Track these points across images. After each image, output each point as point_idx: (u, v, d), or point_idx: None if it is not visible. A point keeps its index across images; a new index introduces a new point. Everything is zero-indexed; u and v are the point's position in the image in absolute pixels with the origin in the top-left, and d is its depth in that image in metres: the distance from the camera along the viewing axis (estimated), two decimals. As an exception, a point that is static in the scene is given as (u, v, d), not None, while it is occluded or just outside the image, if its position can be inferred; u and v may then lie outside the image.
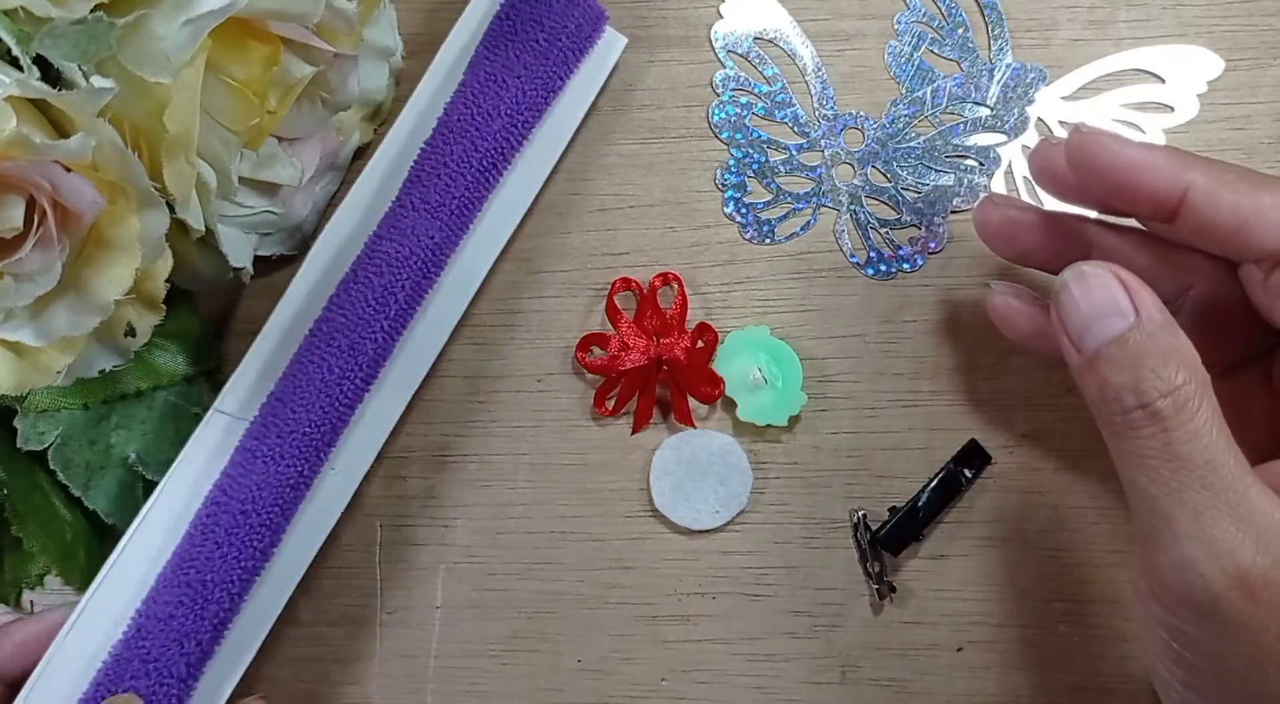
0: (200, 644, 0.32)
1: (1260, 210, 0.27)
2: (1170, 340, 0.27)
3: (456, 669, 0.37)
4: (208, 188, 0.32)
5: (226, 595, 0.32)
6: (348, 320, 0.34)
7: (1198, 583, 0.25)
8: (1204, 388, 0.26)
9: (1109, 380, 0.27)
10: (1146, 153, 0.28)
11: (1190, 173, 0.28)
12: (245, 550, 0.32)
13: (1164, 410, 0.26)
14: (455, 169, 0.35)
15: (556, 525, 0.37)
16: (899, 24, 0.38)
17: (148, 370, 0.36)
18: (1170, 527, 0.26)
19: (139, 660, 0.31)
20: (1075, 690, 0.35)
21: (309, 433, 0.33)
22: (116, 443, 0.36)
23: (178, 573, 0.32)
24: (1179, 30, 0.37)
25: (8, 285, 0.29)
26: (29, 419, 0.35)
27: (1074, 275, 0.28)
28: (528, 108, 0.35)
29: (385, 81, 0.38)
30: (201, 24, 0.28)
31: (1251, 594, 0.25)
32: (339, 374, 0.33)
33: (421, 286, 0.34)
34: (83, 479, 0.36)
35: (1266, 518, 0.25)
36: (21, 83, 0.26)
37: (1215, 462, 0.26)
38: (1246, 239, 0.27)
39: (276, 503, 0.33)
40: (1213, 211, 0.27)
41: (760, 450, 0.37)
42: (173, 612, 0.32)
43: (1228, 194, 0.27)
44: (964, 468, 0.36)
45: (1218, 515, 0.25)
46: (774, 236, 0.38)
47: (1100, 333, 0.27)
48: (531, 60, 0.35)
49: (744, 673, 0.36)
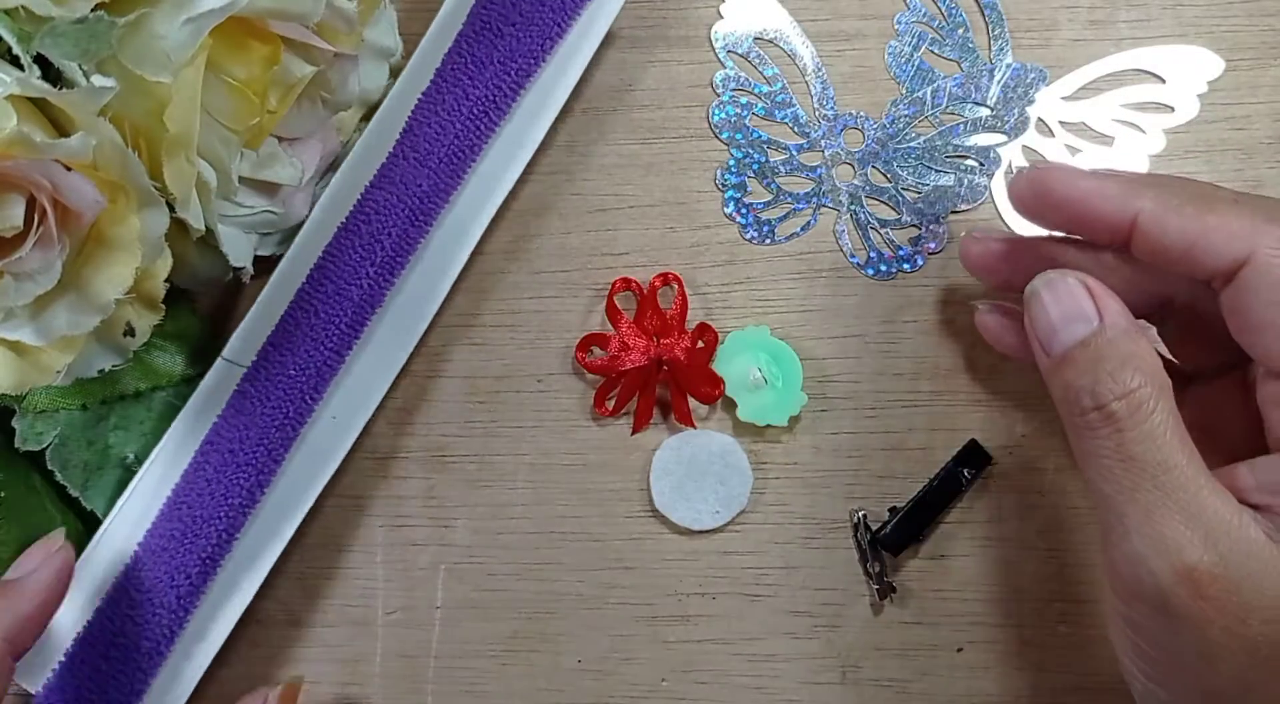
0: (190, 578, 0.34)
1: (1205, 233, 0.28)
2: (1130, 346, 0.28)
3: (456, 669, 0.37)
4: (208, 187, 0.32)
5: (215, 531, 0.34)
6: (335, 268, 0.35)
7: (1147, 578, 0.27)
8: (1161, 392, 0.27)
9: (1070, 382, 0.29)
10: (1097, 182, 0.29)
11: (1139, 199, 0.29)
12: (232, 488, 0.34)
13: (1118, 412, 0.27)
14: (445, 117, 0.35)
15: (556, 525, 0.37)
16: (899, 24, 0.38)
17: (147, 371, 0.36)
18: (1123, 523, 0.27)
19: (135, 591, 0.34)
20: (1075, 690, 0.35)
21: (294, 375, 0.34)
22: (115, 443, 0.36)
23: (172, 509, 0.34)
24: (1179, 30, 0.37)
25: (8, 284, 0.29)
26: (27, 419, 0.35)
27: (1044, 283, 0.30)
28: (523, 56, 0.35)
29: (385, 81, 0.38)
30: (202, 23, 0.28)
31: (1198, 590, 0.26)
32: (324, 319, 0.34)
33: (410, 235, 0.35)
34: (80, 479, 0.36)
35: (1216, 517, 0.26)
36: (22, 81, 0.26)
37: (1167, 462, 0.27)
38: (1195, 261, 0.28)
39: (262, 443, 0.34)
40: (1161, 236, 0.28)
41: (760, 450, 0.37)
42: (165, 545, 0.34)
43: (1174, 219, 0.28)
44: (964, 468, 0.36)
45: (1167, 514, 0.26)
46: (774, 237, 0.38)
47: (1066, 337, 0.29)
48: (528, 8, 0.35)
49: (744, 673, 0.36)
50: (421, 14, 0.39)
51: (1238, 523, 0.26)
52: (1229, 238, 0.27)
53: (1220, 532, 0.26)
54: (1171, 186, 0.29)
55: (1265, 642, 0.26)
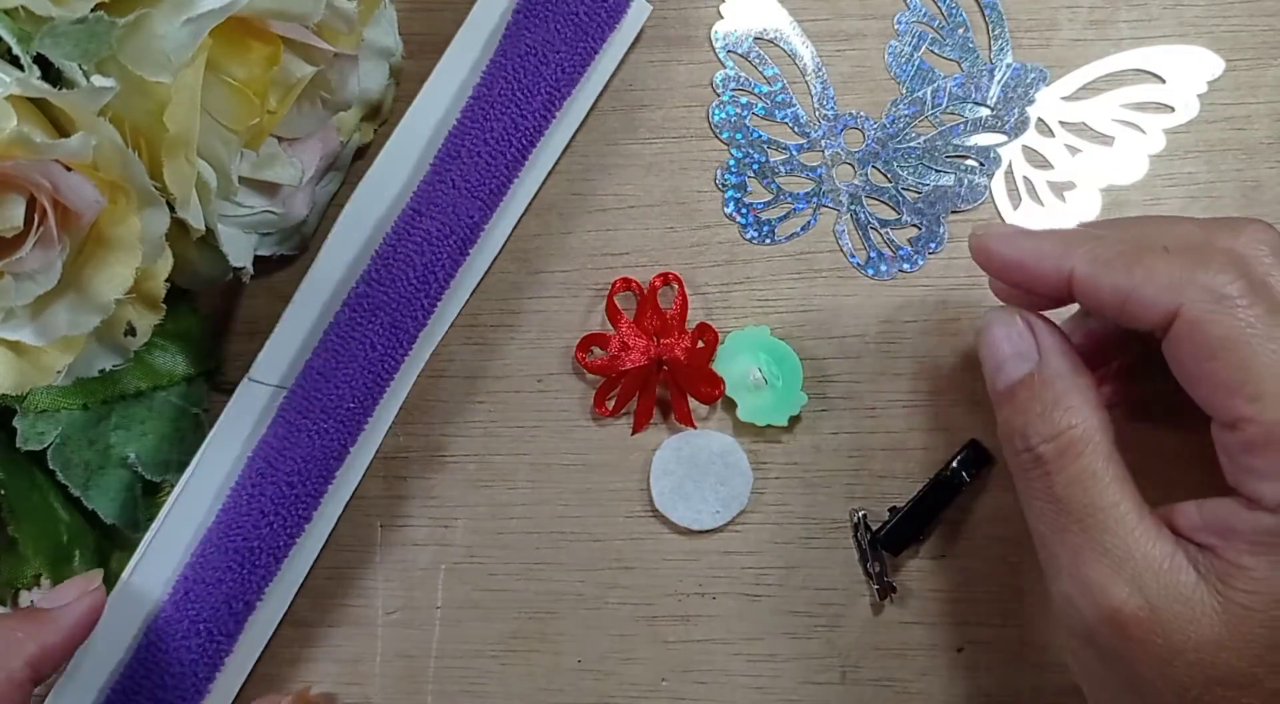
0: (247, 603, 0.34)
1: (1136, 288, 0.27)
2: (1064, 385, 0.28)
3: (456, 669, 0.37)
4: (208, 187, 0.32)
5: (273, 560, 0.34)
6: (389, 297, 0.34)
7: (1075, 616, 0.28)
8: (1095, 433, 0.28)
9: (1006, 420, 0.29)
10: (1033, 243, 0.29)
11: (1071, 258, 0.28)
12: (290, 519, 0.34)
13: (1046, 455, 0.28)
14: (497, 147, 0.35)
15: (556, 525, 0.37)
16: (899, 24, 0.38)
17: (147, 371, 0.36)
18: (1054, 562, 0.28)
19: (188, 622, 0.34)
20: (1075, 690, 0.35)
21: (353, 408, 0.34)
22: (116, 443, 0.36)
23: (224, 540, 0.34)
24: (1179, 30, 0.37)
25: (8, 284, 0.29)
26: (28, 419, 0.35)
27: (994, 317, 0.30)
28: (565, 83, 0.35)
29: (385, 81, 0.38)
30: (202, 23, 0.28)
31: (1123, 631, 0.26)
32: (382, 352, 0.34)
33: (459, 263, 0.35)
34: (82, 479, 0.36)
35: (1145, 559, 0.27)
36: (22, 82, 0.26)
37: (1094, 504, 0.27)
38: (1131, 315, 0.27)
39: (321, 475, 0.34)
40: (1095, 294, 0.28)
41: (760, 450, 0.37)
42: (221, 576, 0.34)
43: (1106, 276, 0.28)
44: (964, 468, 0.35)
45: (1093, 556, 0.27)
46: (774, 236, 0.38)
47: (1007, 375, 0.29)
48: (570, 33, 0.35)
49: (744, 673, 0.36)
50: (421, 14, 0.39)
51: (1168, 565, 0.26)
52: (1157, 291, 0.27)
53: (1149, 574, 0.26)
54: (1107, 239, 0.28)
55: (1194, 682, 0.26)
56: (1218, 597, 0.26)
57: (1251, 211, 0.36)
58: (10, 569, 0.37)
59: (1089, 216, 0.37)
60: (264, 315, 0.38)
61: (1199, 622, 0.26)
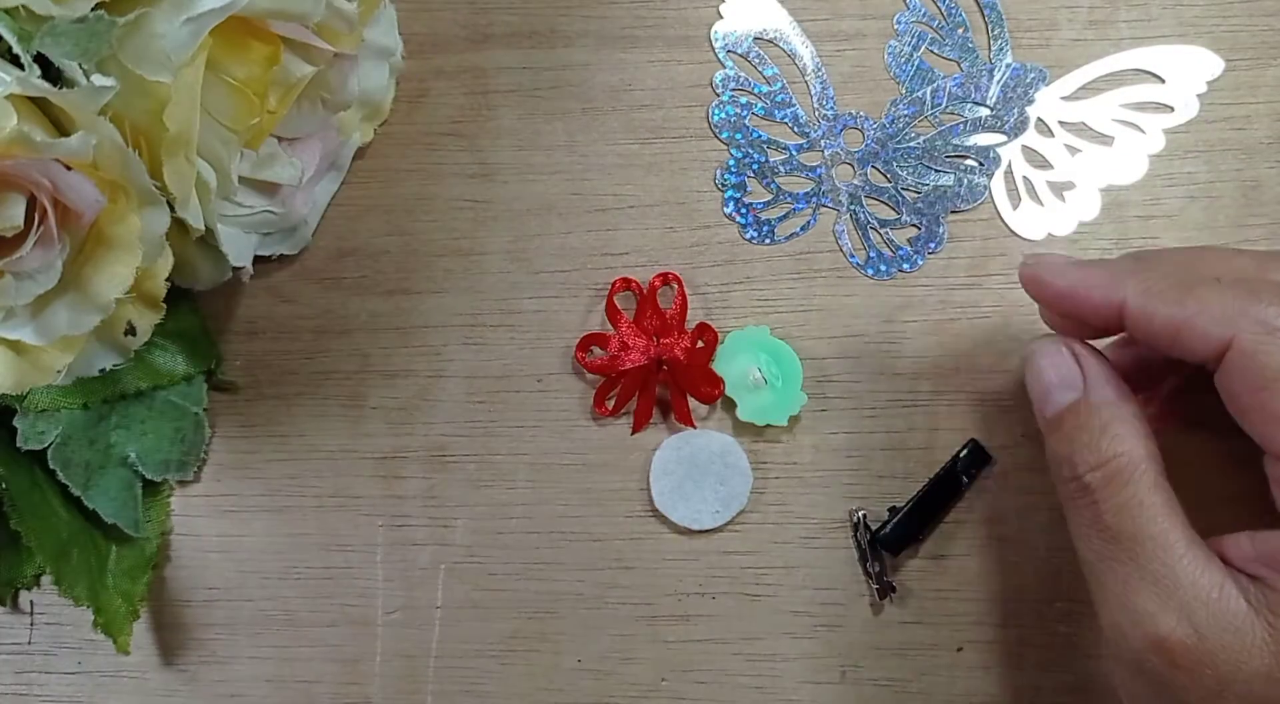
0: None
1: (1188, 320, 0.27)
2: (1110, 413, 0.28)
3: (456, 669, 0.37)
4: (208, 187, 0.32)
5: None
6: None
7: (1124, 645, 0.27)
8: (1141, 461, 0.28)
9: (1053, 449, 0.30)
10: (1081, 276, 0.29)
11: (1123, 288, 0.28)
12: None
13: (1093, 484, 0.28)
14: None
15: (556, 525, 0.37)
16: (899, 24, 0.38)
17: (147, 370, 0.36)
18: (1102, 591, 0.28)
19: None
20: (1075, 690, 0.35)
21: None
22: (116, 442, 0.36)
23: None
24: (1179, 30, 0.37)
25: (8, 284, 0.29)
26: (29, 418, 0.35)
27: (1040, 346, 0.30)
28: None
29: (385, 81, 0.38)
30: (202, 23, 0.28)
31: (1172, 660, 0.26)
32: None
33: None
34: (82, 479, 0.36)
35: (1194, 588, 0.26)
36: (22, 81, 0.26)
37: (1142, 533, 0.27)
38: (1184, 347, 0.27)
39: None
40: (1148, 325, 0.28)
41: (760, 450, 0.37)
42: None
43: (1158, 308, 0.27)
44: (964, 468, 0.35)
45: (1141, 586, 0.27)
46: (774, 236, 0.38)
47: (1053, 403, 0.30)
48: None
49: (744, 673, 0.36)
50: (421, 14, 0.39)
51: (1218, 595, 0.26)
52: (1210, 322, 0.27)
53: (1197, 603, 0.26)
54: (1158, 270, 0.28)
55: None
56: (1269, 628, 0.26)
57: (1251, 211, 0.36)
58: (10, 567, 0.37)
59: (1088, 216, 0.37)
60: (264, 315, 0.38)
61: (1249, 653, 0.26)
